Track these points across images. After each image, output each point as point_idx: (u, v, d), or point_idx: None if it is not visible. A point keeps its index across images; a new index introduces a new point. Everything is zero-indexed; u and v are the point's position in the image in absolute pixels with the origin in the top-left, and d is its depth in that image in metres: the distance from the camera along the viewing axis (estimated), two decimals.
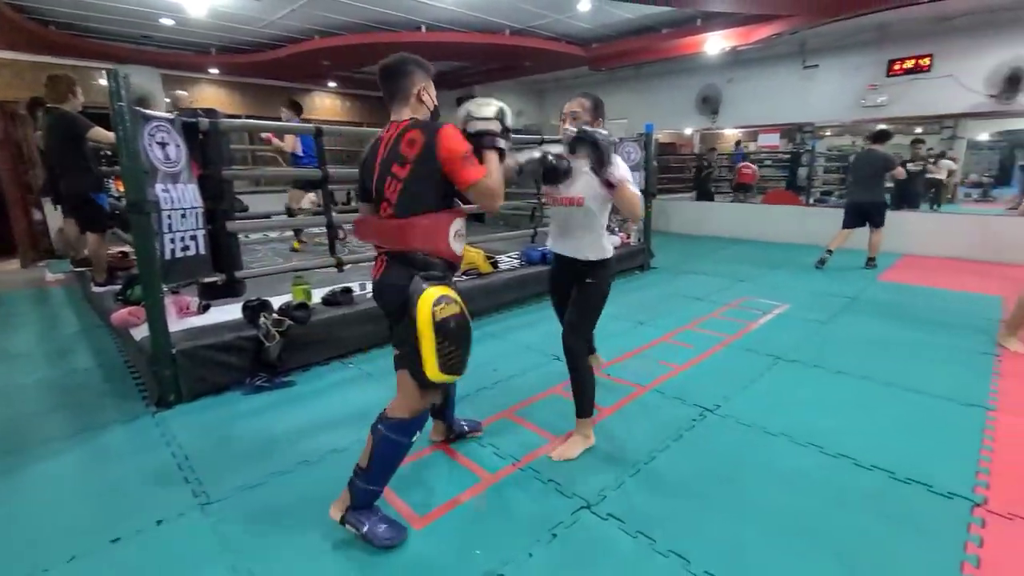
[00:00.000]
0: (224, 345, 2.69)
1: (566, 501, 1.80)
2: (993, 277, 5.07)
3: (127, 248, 4.52)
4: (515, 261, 4.70)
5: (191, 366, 2.58)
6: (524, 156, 1.88)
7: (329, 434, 2.26)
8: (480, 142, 1.58)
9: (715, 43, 6.72)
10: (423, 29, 6.86)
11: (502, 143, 1.60)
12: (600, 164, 1.76)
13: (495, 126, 1.59)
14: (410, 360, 1.53)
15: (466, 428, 2.22)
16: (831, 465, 2.00)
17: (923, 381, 2.71)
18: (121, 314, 3.03)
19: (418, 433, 1.63)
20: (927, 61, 6.10)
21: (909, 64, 6.23)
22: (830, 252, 5.52)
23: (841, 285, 4.84)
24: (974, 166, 9.46)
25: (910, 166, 7.28)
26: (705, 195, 8.86)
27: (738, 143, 9.65)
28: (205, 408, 2.54)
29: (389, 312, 1.64)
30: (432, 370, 1.48)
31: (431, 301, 1.45)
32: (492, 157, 1.58)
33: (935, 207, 7.50)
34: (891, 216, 7.22)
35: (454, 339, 1.47)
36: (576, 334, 2.07)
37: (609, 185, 1.82)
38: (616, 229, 5.80)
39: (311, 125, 3.37)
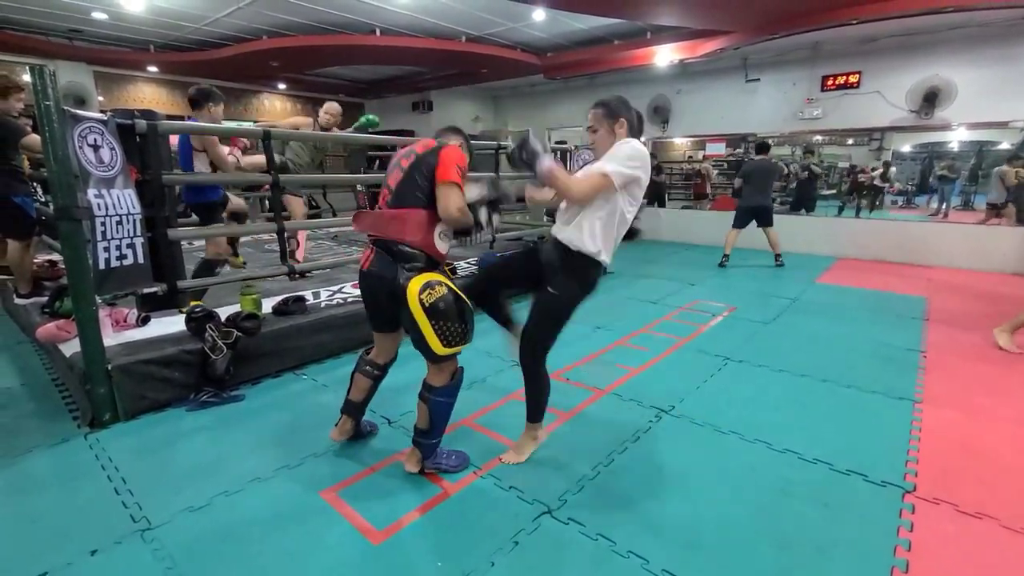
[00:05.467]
0: (166, 359, 2.55)
1: (527, 507, 1.80)
2: (916, 279, 5.50)
3: (55, 257, 4.21)
4: (473, 267, 4.69)
5: (129, 382, 2.42)
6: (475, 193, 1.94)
7: (280, 450, 2.17)
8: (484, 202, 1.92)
9: (664, 55, 6.99)
10: (377, 32, 6.78)
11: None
12: (530, 169, 1.85)
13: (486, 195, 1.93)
14: (421, 344, 1.74)
15: (368, 428, 2.31)
16: (778, 460, 2.10)
17: (857, 377, 2.90)
18: (48, 328, 2.81)
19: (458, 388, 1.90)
20: (856, 78, 6.57)
21: (841, 80, 6.70)
22: (727, 256, 6.10)
23: (783, 287, 5.11)
24: (898, 176, 10.22)
25: (794, 167, 8.16)
26: (659, 201, 9.16)
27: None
28: (145, 427, 2.39)
29: (374, 297, 1.89)
30: (437, 347, 1.72)
31: (417, 291, 1.68)
32: (469, 186, 1.86)
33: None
34: (830, 221, 7.76)
35: (448, 317, 1.70)
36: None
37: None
38: None
39: (258, 128, 3.26)
